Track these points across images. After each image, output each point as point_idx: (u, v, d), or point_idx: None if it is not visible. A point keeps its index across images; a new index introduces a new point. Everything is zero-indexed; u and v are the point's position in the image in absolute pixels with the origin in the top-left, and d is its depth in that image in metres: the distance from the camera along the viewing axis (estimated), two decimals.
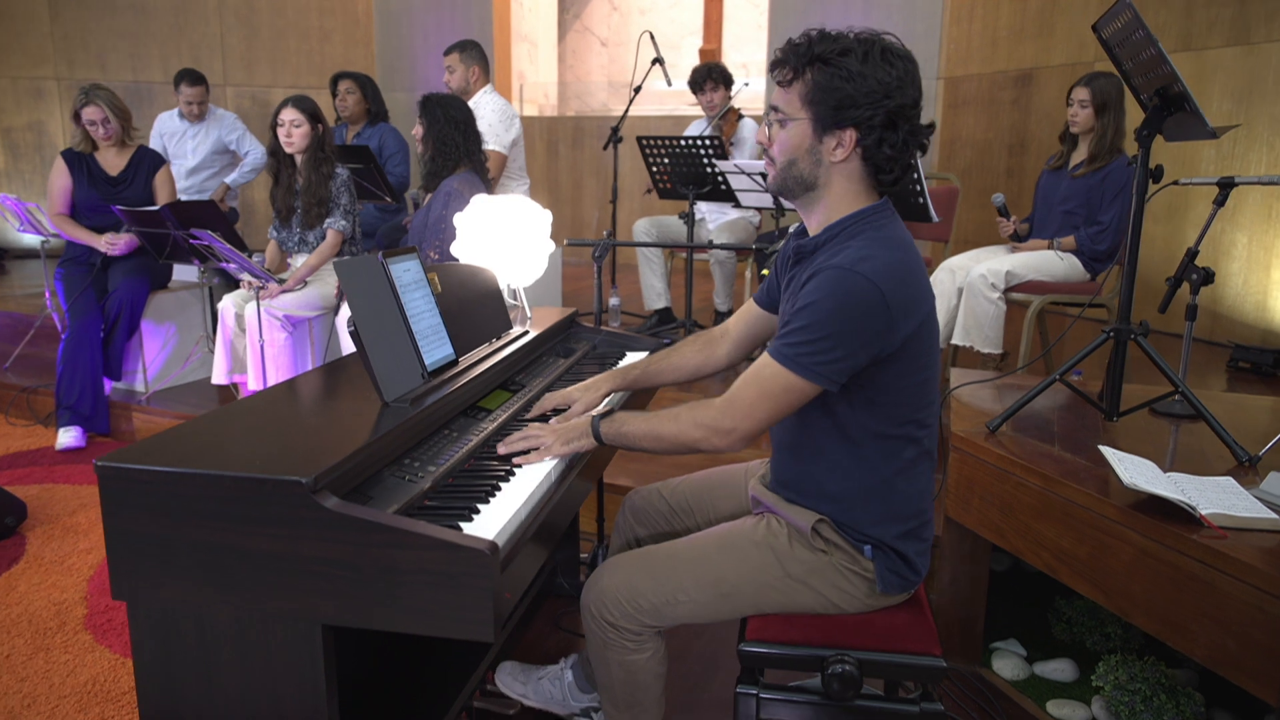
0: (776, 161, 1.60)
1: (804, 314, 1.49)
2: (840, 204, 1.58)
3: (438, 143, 3.38)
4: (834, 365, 1.48)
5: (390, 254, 1.81)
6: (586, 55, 9.73)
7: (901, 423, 1.58)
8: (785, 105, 1.55)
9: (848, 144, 1.51)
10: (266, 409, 1.67)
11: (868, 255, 1.48)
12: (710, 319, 4.93)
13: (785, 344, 1.51)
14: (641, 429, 1.65)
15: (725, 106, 4.83)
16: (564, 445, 1.71)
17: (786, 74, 1.53)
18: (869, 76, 1.45)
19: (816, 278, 1.50)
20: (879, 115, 1.47)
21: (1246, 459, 2.10)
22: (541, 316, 2.58)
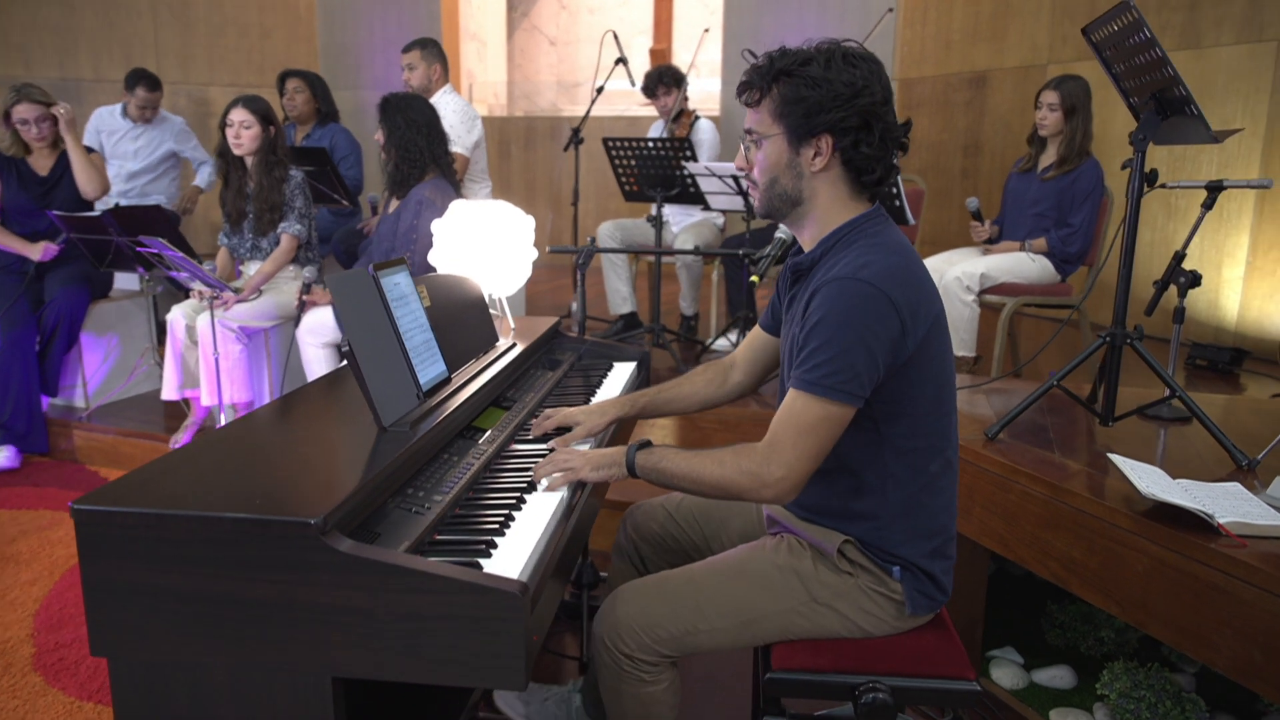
0: (759, 184, 1.57)
1: (815, 334, 1.44)
2: (830, 215, 1.54)
3: (401, 149, 3.23)
4: (857, 380, 1.42)
5: (381, 267, 1.70)
6: (535, 54, 9.59)
7: (926, 434, 1.53)
8: (757, 125, 1.53)
9: (825, 151, 1.48)
10: (252, 438, 1.54)
11: (867, 261, 1.44)
12: (676, 323, 4.86)
13: (805, 371, 1.45)
14: (682, 468, 1.54)
15: (678, 108, 4.76)
16: (594, 471, 1.61)
17: (754, 95, 1.52)
18: (834, 80, 1.44)
19: (819, 294, 1.46)
20: (851, 116, 1.45)
21: (1246, 463, 2.10)
22: (524, 327, 2.47)
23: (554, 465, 1.61)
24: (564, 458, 1.63)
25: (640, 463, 1.59)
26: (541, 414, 1.89)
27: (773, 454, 1.46)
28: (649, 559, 1.92)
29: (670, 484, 1.57)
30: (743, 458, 1.49)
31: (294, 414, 1.70)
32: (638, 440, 1.64)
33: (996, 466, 2.18)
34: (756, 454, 1.48)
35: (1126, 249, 2.24)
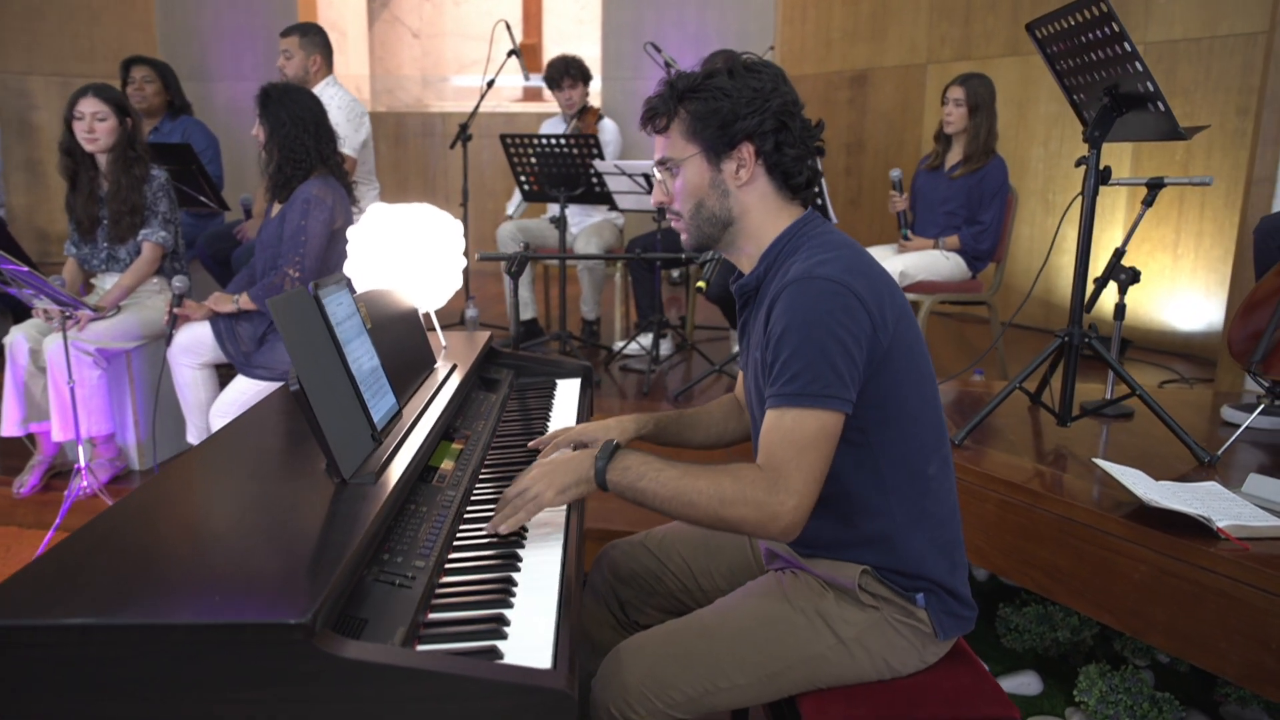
0: (683, 213, 1.47)
1: (784, 342, 1.31)
2: (765, 227, 1.45)
3: (284, 148, 2.87)
4: (840, 382, 1.29)
5: (320, 285, 1.42)
6: (397, 47, 9.10)
7: (919, 434, 1.41)
8: (670, 150, 1.45)
9: (748, 160, 1.41)
10: (184, 505, 1.24)
11: (820, 259, 1.34)
12: (578, 326, 4.65)
13: (784, 384, 1.30)
14: (668, 487, 1.34)
15: (583, 104, 4.56)
16: (558, 493, 1.39)
17: (660, 122, 1.45)
18: (743, 87, 1.38)
19: (779, 302, 1.34)
20: (767, 119, 1.39)
21: (1208, 459, 2.11)
22: (455, 344, 2.22)
23: (513, 507, 1.38)
24: (517, 490, 1.40)
25: (612, 479, 1.37)
26: (550, 437, 1.66)
27: (778, 480, 1.28)
28: (629, 603, 1.73)
29: (650, 504, 1.36)
30: (745, 484, 1.30)
31: (224, 466, 1.40)
32: (605, 444, 1.41)
33: (970, 475, 2.11)
34: (760, 480, 1.30)
35: (1081, 247, 2.21)
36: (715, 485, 1.32)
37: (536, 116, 7.63)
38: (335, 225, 2.88)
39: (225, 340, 2.92)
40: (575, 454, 1.45)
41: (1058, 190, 4.98)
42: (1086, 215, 2.17)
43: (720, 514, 1.31)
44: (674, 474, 1.35)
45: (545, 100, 8.55)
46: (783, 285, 1.34)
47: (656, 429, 1.72)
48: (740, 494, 1.30)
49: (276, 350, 2.89)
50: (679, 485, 1.34)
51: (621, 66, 6.80)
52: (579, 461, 1.41)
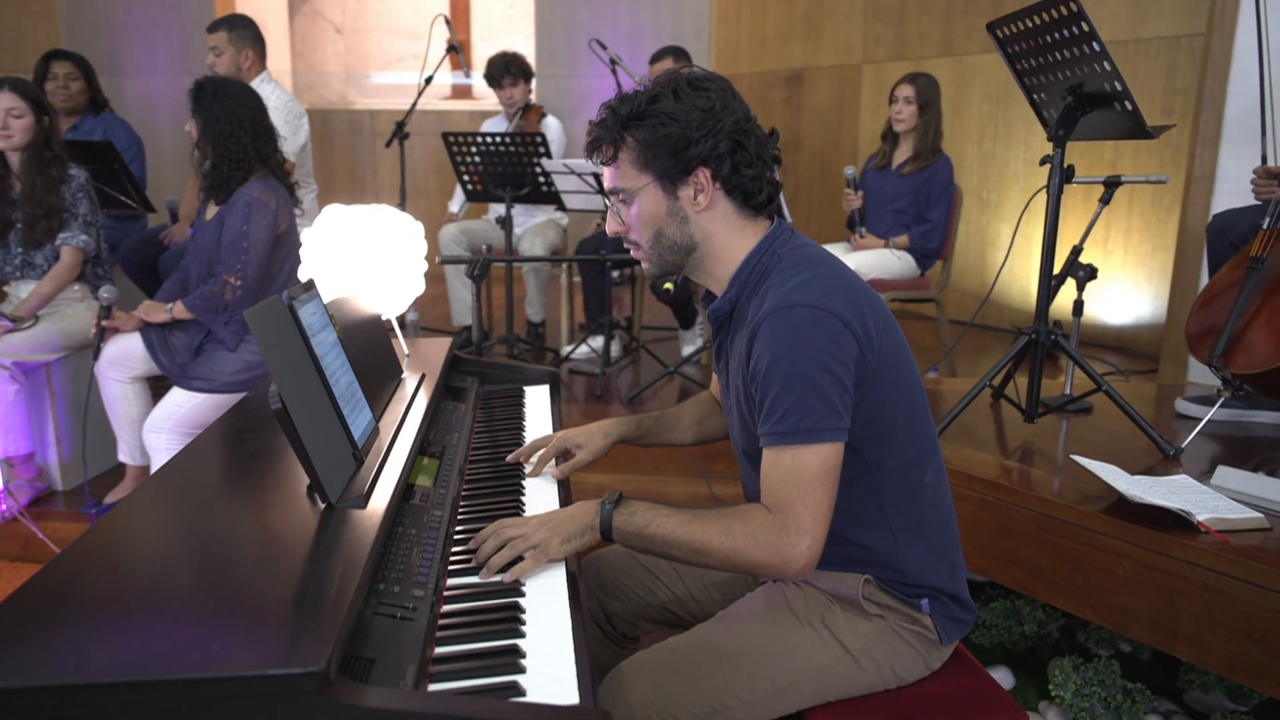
0: (641, 243, 1.42)
1: (771, 379, 1.26)
2: (732, 249, 1.39)
3: (220, 147, 2.71)
4: (834, 412, 1.25)
5: (293, 294, 1.32)
6: (320, 42, 8.80)
7: (913, 444, 1.39)
8: (621, 180, 1.38)
9: (705, 185, 1.34)
10: (154, 539, 1.13)
11: (797, 283, 1.29)
12: (523, 329, 4.54)
13: (777, 422, 1.26)
14: (677, 534, 1.29)
15: (525, 102, 4.45)
16: (563, 544, 1.31)
17: (608, 151, 1.39)
18: (690, 108, 1.31)
19: (760, 335, 1.29)
20: (721, 141, 1.32)
21: (1172, 452, 2.15)
22: (416, 351, 2.11)
23: (513, 549, 1.29)
24: (519, 533, 1.31)
25: (620, 526, 1.33)
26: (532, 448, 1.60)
27: (788, 521, 1.25)
28: (618, 616, 1.66)
29: (660, 552, 1.33)
30: (755, 527, 1.26)
31: (190, 492, 1.28)
32: (608, 494, 1.37)
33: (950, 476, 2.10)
34: (769, 523, 1.26)
35: (1046, 245, 2.23)
36: (725, 531, 1.28)
37: (469, 114, 7.47)
38: (279, 230, 2.73)
39: (158, 352, 2.75)
40: (578, 505, 1.38)
41: (992, 189, 5.09)
42: (1051, 213, 2.19)
43: (733, 560, 1.28)
44: (682, 519, 1.31)
45: (476, 98, 8.40)
46: (761, 316, 1.28)
47: (639, 431, 1.69)
48: (751, 539, 1.26)
49: (215, 360, 2.73)
50: (689, 532, 1.29)
51: (556, 64, 6.71)
52: (583, 510, 1.35)
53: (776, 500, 1.26)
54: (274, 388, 1.14)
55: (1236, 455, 2.26)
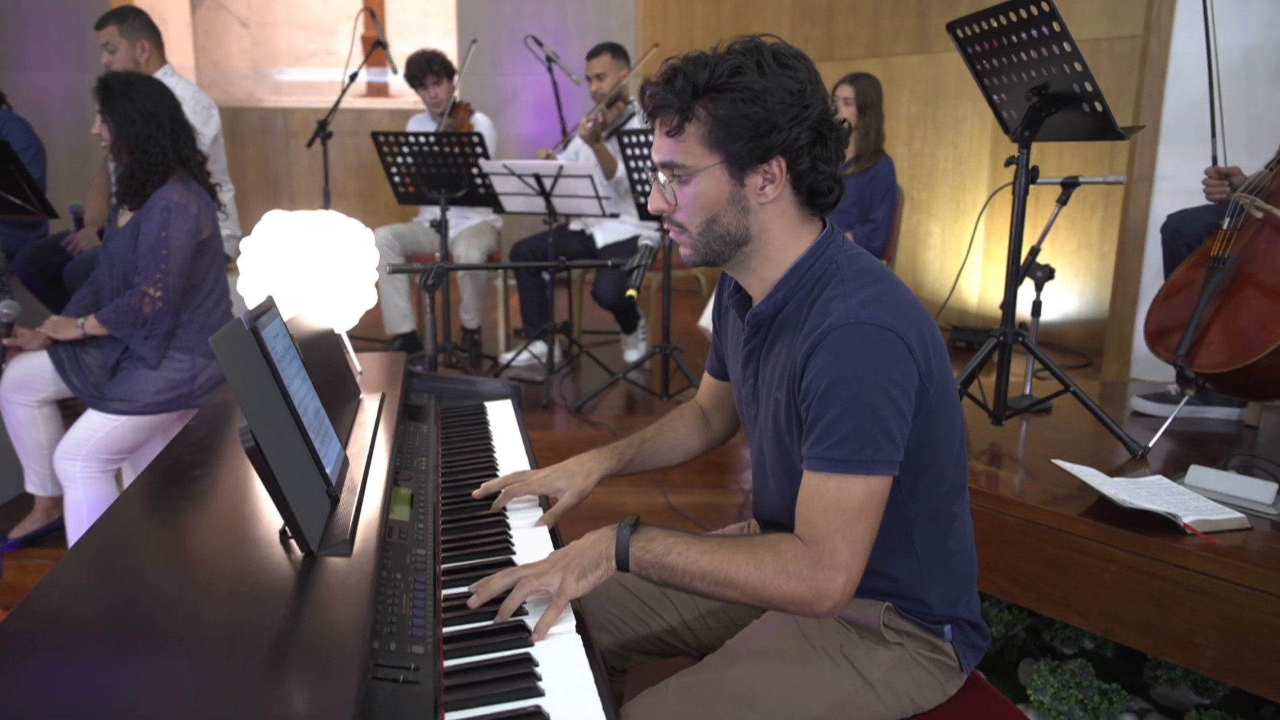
0: (689, 226, 1.27)
1: (831, 400, 1.17)
2: (785, 249, 1.28)
3: (136, 150, 2.48)
4: (892, 444, 1.18)
5: (254, 314, 1.18)
6: (224, 37, 8.38)
7: (950, 476, 1.33)
8: (682, 155, 1.23)
9: (778, 176, 1.22)
10: (102, 608, 0.97)
11: (863, 299, 1.19)
12: (459, 336, 4.38)
13: (830, 448, 1.17)
14: (700, 564, 1.19)
15: (451, 100, 4.28)
16: (579, 581, 1.19)
17: (672, 120, 1.22)
18: (777, 88, 1.18)
19: (820, 351, 1.18)
20: (803, 132, 1.20)
21: (1140, 452, 2.16)
22: (370, 368, 1.97)
23: (523, 588, 1.17)
24: (530, 572, 1.20)
25: (638, 557, 1.21)
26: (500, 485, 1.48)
27: (824, 554, 1.16)
28: (607, 650, 1.55)
29: (680, 584, 1.21)
30: (788, 560, 1.17)
31: (143, 543, 1.12)
32: (624, 519, 1.26)
33: None
34: (804, 556, 1.17)
35: (1013, 246, 2.22)
36: (755, 562, 1.18)
37: (389, 113, 7.22)
38: (201, 236, 2.53)
39: (69, 372, 2.51)
40: (590, 535, 1.26)
41: (921, 188, 5.15)
42: (1017, 214, 2.18)
43: (762, 594, 1.17)
44: (705, 548, 1.20)
45: (393, 96, 8.14)
46: (825, 329, 1.18)
47: (621, 462, 1.55)
48: (783, 572, 1.16)
49: (134, 380, 2.51)
50: (713, 562, 1.18)
51: (479, 61, 6.51)
52: (596, 540, 1.23)
53: (815, 531, 1.17)
54: (244, 424, 1.00)
55: (1193, 452, 2.29)
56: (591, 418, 3.35)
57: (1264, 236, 2.11)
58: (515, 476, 1.51)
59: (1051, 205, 2.47)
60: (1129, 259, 3.09)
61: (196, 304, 2.60)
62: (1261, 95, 2.75)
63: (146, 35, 3.44)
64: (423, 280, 2.06)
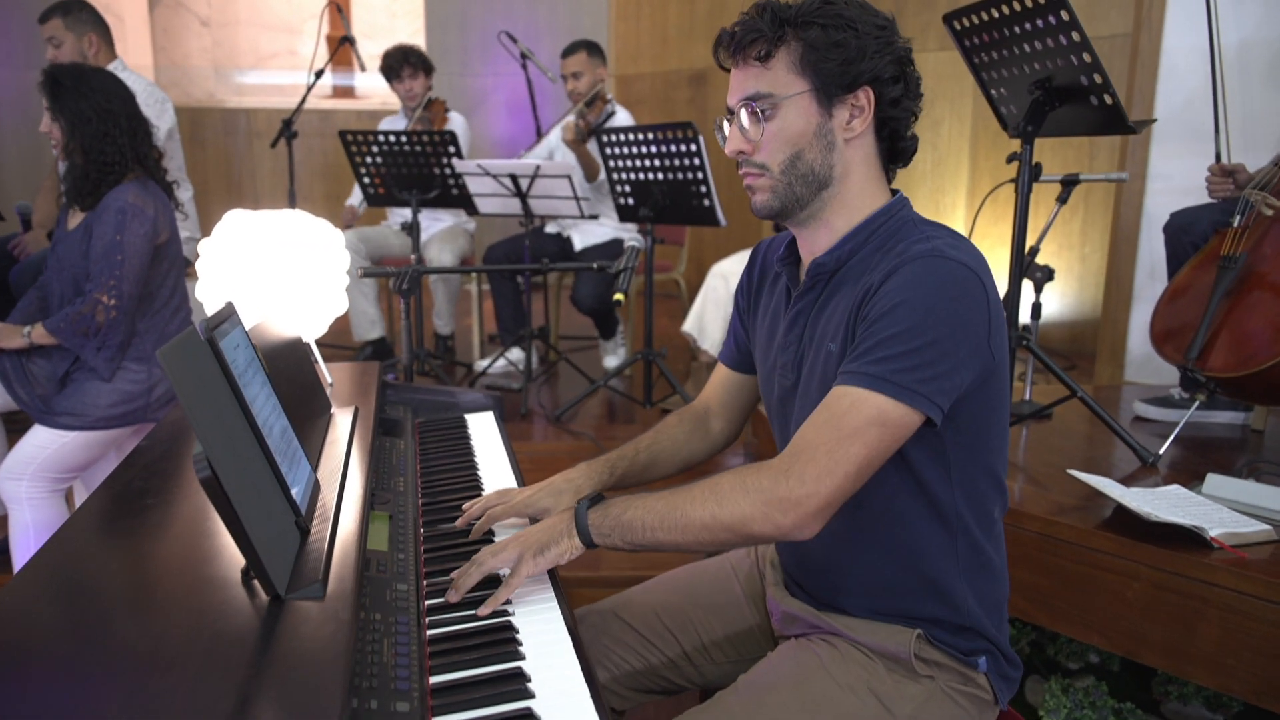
0: (771, 165, 1.20)
1: (888, 320, 1.09)
2: (861, 199, 1.22)
3: (90, 147, 2.31)
4: (943, 382, 1.08)
5: (212, 323, 1.04)
6: (183, 36, 8.13)
7: (997, 469, 1.23)
8: (769, 84, 1.17)
9: (866, 108, 1.18)
10: (35, 670, 0.83)
11: (949, 241, 1.14)
12: (432, 342, 4.23)
13: (868, 363, 1.09)
14: (658, 515, 1.13)
15: (426, 96, 4.14)
16: (538, 556, 1.16)
17: (760, 47, 1.17)
18: (865, 20, 1.16)
19: (894, 277, 1.10)
20: (891, 64, 1.17)
21: (1151, 459, 2.07)
22: (341, 379, 1.83)
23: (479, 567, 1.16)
24: (488, 554, 1.17)
25: (596, 524, 1.16)
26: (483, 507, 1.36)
27: (796, 463, 1.08)
28: (607, 690, 1.42)
29: (645, 543, 1.14)
30: (746, 476, 1.11)
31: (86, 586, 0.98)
32: (585, 495, 1.23)
33: None
34: (768, 469, 1.10)
35: (1016, 245, 2.13)
36: (711, 490, 1.11)
37: (357, 114, 7.05)
38: (159, 239, 2.37)
39: (14, 384, 2.33)
40: (553, 516, 1.22)
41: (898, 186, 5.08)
42: (1021, 211, 2.09)
43: (722, 521, 1.10)
44: (662, 495, 1.15)
45: (359, 97, 7.97)
46: (905, 259, 1.11)
47: (614, 477, 1.44)
48: (740, 487, 1.09)
49: (85, 392, 2.34)
50: (670, 504, 1.13)
51: (449, 61, 6.37)
52: (557, 518, 1.19)
53: (801, 441, 1.09)
54: (199, 450, 0.87)
55: (1200, 458, 2.21)
56: (572, 427, 3.22)
57: (1275, 234, 2.04)
58: (498, 497, 1.39)
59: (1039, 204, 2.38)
60: (1122, 259, 3.03)
61: (154, 312, 2.43)
62: (1256, 93, 2.70)
63: (94, 28, 3.27)
64: (396, 285, 1.92)
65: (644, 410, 3.36)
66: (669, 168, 3.09)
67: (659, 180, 3.14)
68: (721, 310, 3.41)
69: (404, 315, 1.96)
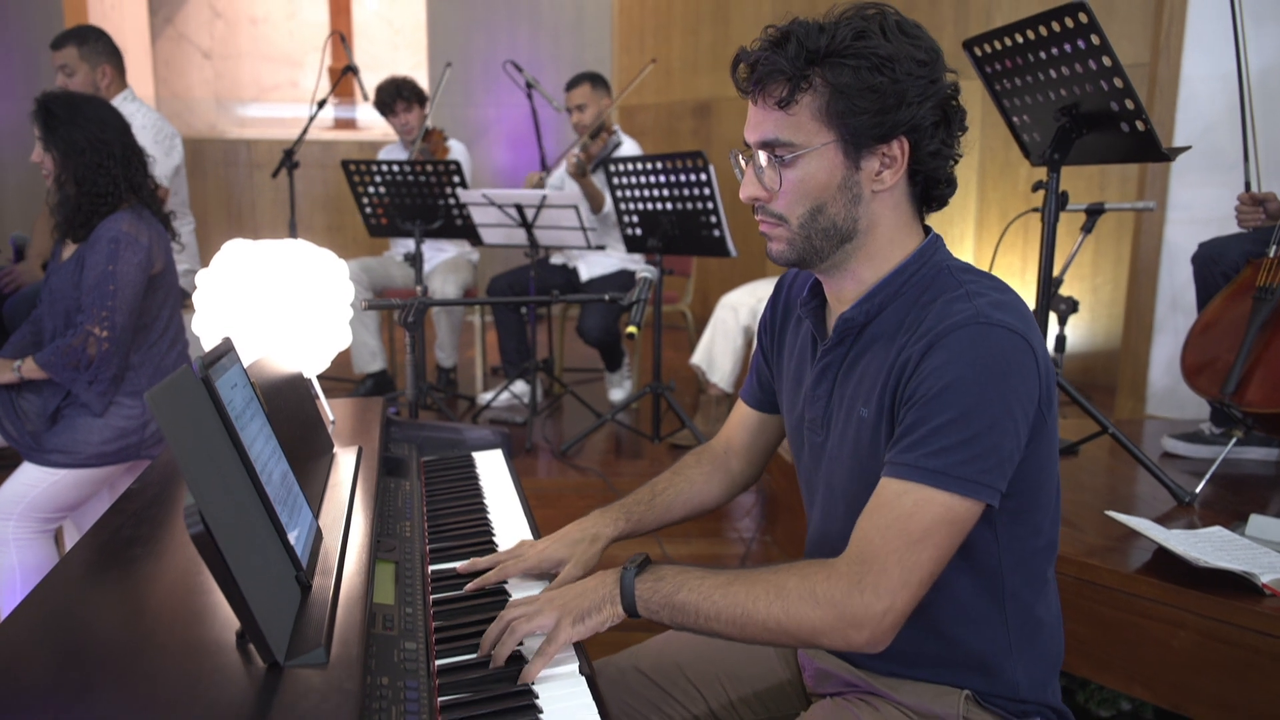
0: (789, 217, 1.10)
1: (942, 404, 1.00)
2: (890, 248, 1.13)
3: (83, 178, 2.24)
4: (1000, 467, 1.01)
5: (208, 361, 0.96)
6: (185, 68, 8.14)
7: (1049, 528, 1.15)
8: (790, 131, 1.07)
9: (899, 160, 1.08)
10: None
11: (993, 300, 1.04)
12: (434, 375, 4.15)
13: (928, 456, 1.00)
14: (714, 598, 1.04)
15: (424, 127, 4.09)
16: (576, 625, 1.07)
17: (781, 89, 1.06)
18: (905, 57, 1.04)
19: (939, 349, 1.02)
20: (933, 110, 1.06)
21: (1188, 499, 1.99)
22: (343, 416, 1.75)
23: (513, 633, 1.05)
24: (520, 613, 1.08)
25: (644, 596, 1.07)
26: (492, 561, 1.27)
27: (869, 575, 1.00)
28: None
29: (695, 626, 1.06)
30: (816, 581, 1.01)
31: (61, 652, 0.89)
32: (632, 558, 1.11)
33: None
34: (841, 575, 1.01)
35: (1043, 277, 2.06)
36: (776, 590, 1.02)
37: (359, 144, 7.04)
38: (153, 270, 2.30)
39: (4, 420, 2.25)
40: (594, 576, 1.12)
41: None
42: (1047, 242, 2.03)
43: (786, 627, 1.01)
44: (720, 581, 1.05)
45: (360, 129, 7.96)
46: (947, 327, 1.02)
47: (630, 524, 1.35)
48: (810, 595, 1.00)
49: (77, 429, 2.25)
50: (729, 597, 1.03)
51: (451, 92, 6.35)
52: (599, 581, 1.10)
53: (868, 548, 1.00)
54: (190, 500, 0.78)
55: (1233, 497, 2.13)
56: (578, 462, 3.14)
57: None
58: (511, 553, 1.29)
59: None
60: (1142, 290, 2.96)
61: (149, 345, 2.36)
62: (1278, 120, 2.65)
63: (109, 59, 3.22)
64: (402, 317, 1.85)
65: (652, 445, 3.27)
66: (678, 197, 3.04)
67: (668, 210, 3.08)
68: (731, 342, 3.34)
69: (409, 349, 1.89)
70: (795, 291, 1.29)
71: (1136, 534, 1.72)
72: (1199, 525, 1.90)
